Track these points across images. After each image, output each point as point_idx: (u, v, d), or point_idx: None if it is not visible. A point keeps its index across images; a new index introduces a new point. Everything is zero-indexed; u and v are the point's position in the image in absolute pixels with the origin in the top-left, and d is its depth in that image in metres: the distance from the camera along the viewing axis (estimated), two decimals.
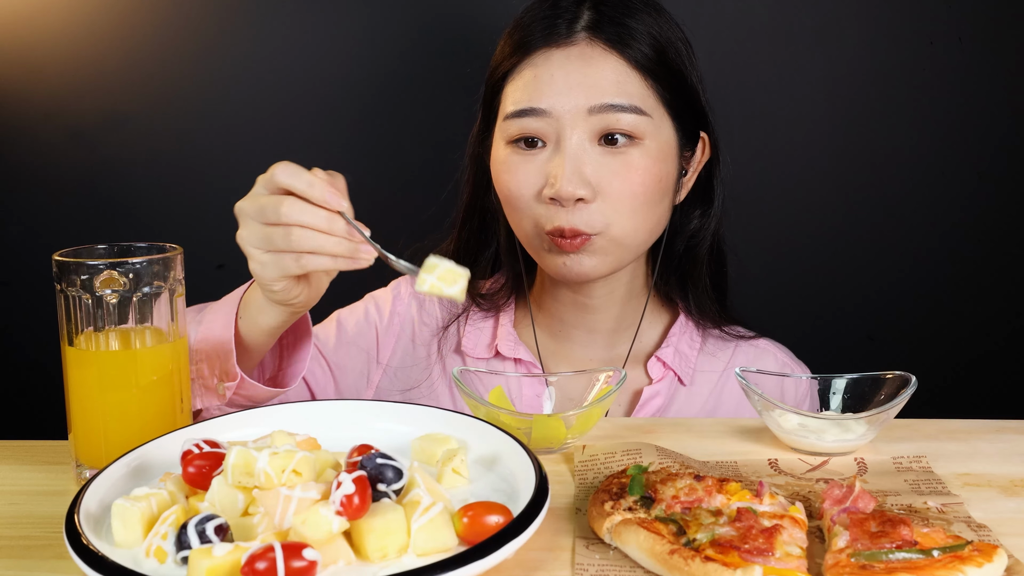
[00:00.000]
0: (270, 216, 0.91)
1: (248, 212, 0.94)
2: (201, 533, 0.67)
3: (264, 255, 0.94)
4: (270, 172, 0.93)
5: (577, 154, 1.16)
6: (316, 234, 0.91)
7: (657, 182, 1.19)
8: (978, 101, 1.70)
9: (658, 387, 1.29)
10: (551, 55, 1.18)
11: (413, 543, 0.69)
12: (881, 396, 0.96)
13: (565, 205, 1.16)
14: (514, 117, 1.19)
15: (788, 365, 1.35)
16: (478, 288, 1.36)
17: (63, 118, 1.73)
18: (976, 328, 1.78)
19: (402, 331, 1.37)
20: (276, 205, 0.91)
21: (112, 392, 0.88)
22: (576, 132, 1.16)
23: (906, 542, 0.68)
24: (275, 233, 0.92)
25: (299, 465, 0.71)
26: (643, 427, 1.03)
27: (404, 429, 0.89)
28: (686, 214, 1.30)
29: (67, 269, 0.86)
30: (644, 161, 1.17)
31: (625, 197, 1.17)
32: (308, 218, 0.91)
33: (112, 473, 0.78)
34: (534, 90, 1.18)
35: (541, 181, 1.18)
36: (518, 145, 1.20)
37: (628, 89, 1.17)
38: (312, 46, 1.72)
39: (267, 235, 0.92)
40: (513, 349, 1.32)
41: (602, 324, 1.32)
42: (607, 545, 0.75)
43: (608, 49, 1.17)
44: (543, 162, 1.18)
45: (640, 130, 1.17)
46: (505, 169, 1.21)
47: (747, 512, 0.72)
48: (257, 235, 0.93)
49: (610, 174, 1.16)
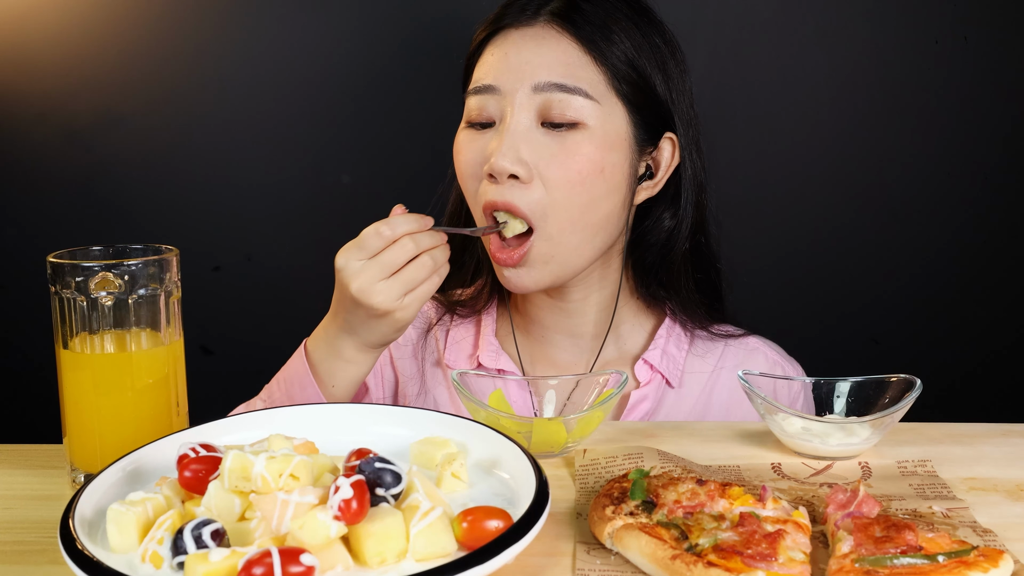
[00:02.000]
0: (400, 258, 1.03)
1: (373, 272, 1.03)
2: (197, 538, 0.66)
3: (407, 298, 1.04)
4: (378, 230, 1.04)
5: (517, 132, 1.15)
6: (431, 253, 1.05)
7: (598, 171, 1.17)
8: (984, 101, 1.70)
9: (646, 391, 1.28)
10: (510, 35, 1.20)
11: (412, 548, 0.68)
12: (886, 399, 0.96)
13: (500, 182, 1.16)
14: (471, 95, 1.21)
15: (779, 363, 1.33)
16: (456, 296, 1.36)
17: (58, 118, 1.72)
18: (982, 330, 1.77)
19: (380, 361, 1.36)
20: (402, 248, 1.03)
21: (107, 395, 0.87)
22: (522, 111, 1.16)
23: (911, 547, 0.68)
24: (410, 271, 1.04)
25: (296, 469, 0.70)
26: (645, 431, 1.03)
27: (402, 433, 0.89)
28: (657, 217, 1.29)
29: (62, 271, 0.86)
30: (586, 147, 1.16)
31: (563, 182, 1.15)
32: (427, 241, 1.05)
33: (107, 477, 0.77)
34: (489, 68, 1.19)
35: (483, 158, 1.18)
36: (472, 125, 1.21)
37: (576, 72, 1.16)
38: (308, 47, 1.72)
39: (406, 279, 1.04)
40: (495, 359, 1.31)
41: (582, 328, 1.31)
42: (608, 550, 0.74)
43: (563, 31, 1.18)
44: (488, 140, 1.19)
45: (584, 114, 1.16)
46: (458, 149, 1.23)
47: (750, 517, 0.72)
48: (399, 284, 1.03)
49: (549, 156, 1.15)
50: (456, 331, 1.35)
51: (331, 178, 1.74)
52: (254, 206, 1.74)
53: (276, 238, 1.76)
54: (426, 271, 1.04)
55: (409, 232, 1.04)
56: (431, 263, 1.04)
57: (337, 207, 1.73)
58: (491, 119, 1.19)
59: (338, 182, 1.73)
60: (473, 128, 1.21)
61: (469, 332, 1.35)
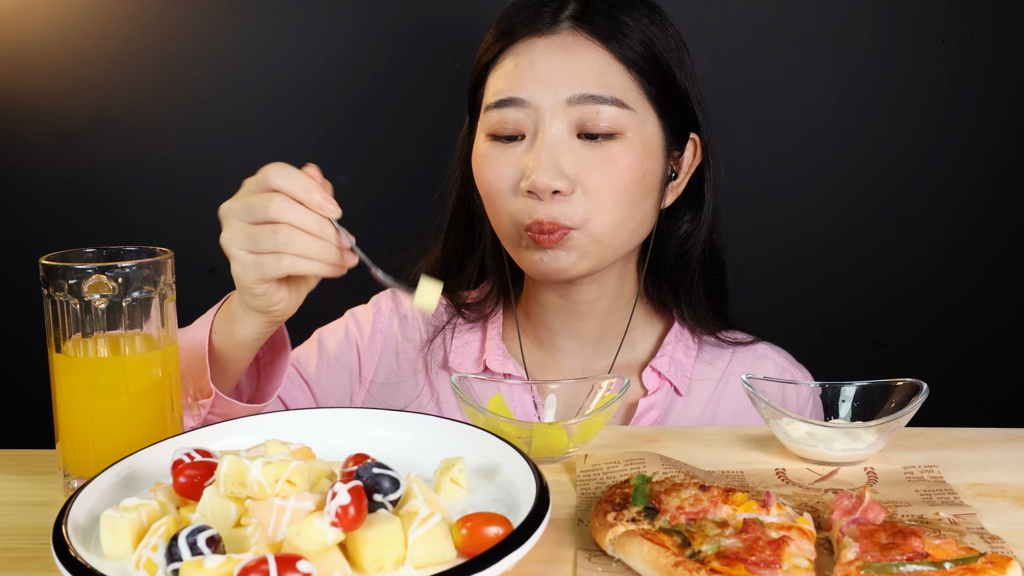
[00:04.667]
0: (258, 215, 0.91)
1: (234, 212, 0.93)
2: (192, 545, 0.65)
3: (248, 256, 0.93)
4: (262, 173, 0.93)
5: (554, 145, 1.14)
6: (304, 236, 0.91)
7: (639, 178, 1.17)
8: (991, 101, 1.69)
9: (654, 399, 1.28)
10: (533, 44, 1.17)
11: (410, 555, 0.68)
12: (891, 404, 0.96)
13: (542, 198, 1.14)
14: (494, 108, 1.18)
15: (788, 369, 1.33)
16: (463, 298, 1.35)
17: (50, 118, 1.71)
18: (990, 334, 1.77)
19: (384, 348, 1.35)
20: (265, 203, 0.91)
21: (101, 400, 0.86)
22: (555, 123, 1.15)
23: (917, 554, 0.68)
24: (262, 232, 0.91)
25: (293, 475, 0.70)
26: (646, 436, 1.02)
27: (401, 438, 0.88)
28: (676, 219, 1.29)
29: (54, 273, 0.85)
30: (626, 155, 1.15)
31: (605, 191, 1.15)
32: (298, 218, 0.91)
33: (101, 483, 0.77)
34: (514, 79, 1.17)
35: (518, 174, 1.16)
36: (497, 138, 1.19)
37: (610, 81, 1.15)
38: (304, 47, 1.71)
39: (253, 235, 0.92)
40: (502, 363, 1.30)
41: (590, 332, 1.30)
42: (610, 557, 0.74)
43: (591, 39, 1.16)
44: (520, 154, 1.17)
45: (621, 124, 1.15)
46: (484, 163, 1.20)
47: (754, 523, 0.71)
48: (242, 235, 0.93)
49: (589, 167, 1.14)
50: (462, 335, 1.34)
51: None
52: None
53: None
54: (273, 239, 0.91)
55: (280, 189, 0.91)
56: (284, 236, 0.90)
57: None
58: (518, 132, 1.17)
59: (335, 183, 1.72)
60: (498, 141, 1.19)
61: (475, 336, 1.34)
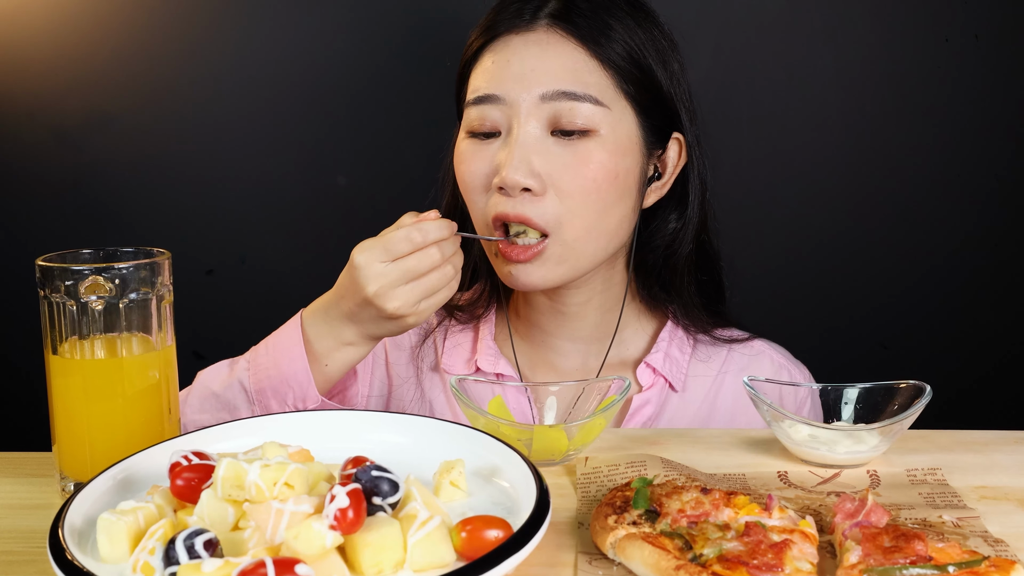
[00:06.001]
0: (424, 266, 1.04)
1: (395, 278, 1.03)
2: (190, 548, 0.65)
3: (422, 304, 1.05)
4: (409, 236, 1.04)
5: (527, 142, 1.14)
6: (452, 261, 1.06)
7: (613, 177, 1.16)
8: (995, 101, 1.69)
9: (648, 395, 1.27)
10: (510, 41, 1.17)
11: (409, 558, 0.68)
12: (895, 406, 0.95)
13: (512, 195, 1.14)
14: (472, 105, 1.18)
15: (785, 366, 1.32)
16: (456, 300, 1.34)
17: (46, 118, 1.71)
18: (993, 336, 1.76)
19: (376, 364, 1.34)
20: (428, 256, 1.04)
21: (97, 402, 0.86)
22: (530, 121, 1.14)
23: (920, 557, 0.67)
24: (432, 279, 1.05)
25: (291, 478, 0.69)
26: (648, 438, 1.02)
27: (400, 440, 0.88)
28: (663, 219, 1.28)
29: (51, 275, 0.84)
30: (599, 153, 1.15)
31: (577, 192, 1.14)
32: (450, 249, 1.06)
33: (98, 486, 0.77)
34: (491, 77, 1.17)
35: (492, 170, 1.17)
36: (475, 135, 1.19)
37: (585, 78, 1.15)
38: (303, 47, 1.71)
39: (426, 286, 1.04)
40: (493, 363, 1.30)
41: (581, 332, 1.29)
42: (611, 560, 0.74)
43: (567, 37, 1.16)
44: (495, 151, 1.17)
45: (595, 121, 1.14)
46: (461, 160, 1.20)
47: (756, 526, 0.71)
48: (418, 291, 1.04)
49: (562, 166, 1.14)
50: (454, 336, 1.34)
51: (327, 179, 1.73)
52: (248, 208, 1.73)
53: (271, 241, 1.75)
54: (445, 279, 1.05)
55: (439, 240, 1.04)
56: (452, 272, 1.06)
57: (333, 209, 1.73)
58: (495, 129, 1.17)
59: (334, 183, 1.72)
60: (476, 138, 1.19)
61: (467, 337, 1.34)
